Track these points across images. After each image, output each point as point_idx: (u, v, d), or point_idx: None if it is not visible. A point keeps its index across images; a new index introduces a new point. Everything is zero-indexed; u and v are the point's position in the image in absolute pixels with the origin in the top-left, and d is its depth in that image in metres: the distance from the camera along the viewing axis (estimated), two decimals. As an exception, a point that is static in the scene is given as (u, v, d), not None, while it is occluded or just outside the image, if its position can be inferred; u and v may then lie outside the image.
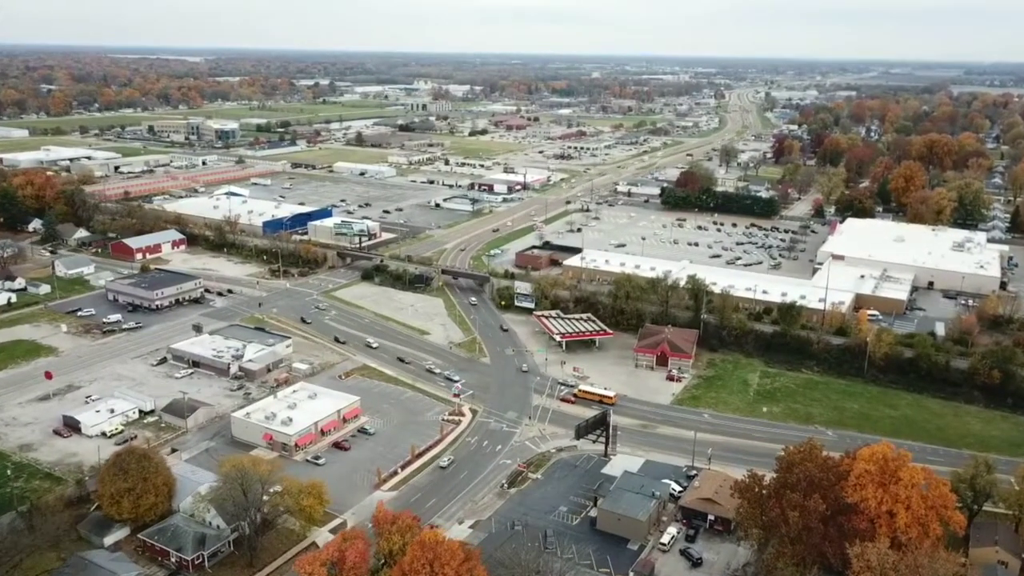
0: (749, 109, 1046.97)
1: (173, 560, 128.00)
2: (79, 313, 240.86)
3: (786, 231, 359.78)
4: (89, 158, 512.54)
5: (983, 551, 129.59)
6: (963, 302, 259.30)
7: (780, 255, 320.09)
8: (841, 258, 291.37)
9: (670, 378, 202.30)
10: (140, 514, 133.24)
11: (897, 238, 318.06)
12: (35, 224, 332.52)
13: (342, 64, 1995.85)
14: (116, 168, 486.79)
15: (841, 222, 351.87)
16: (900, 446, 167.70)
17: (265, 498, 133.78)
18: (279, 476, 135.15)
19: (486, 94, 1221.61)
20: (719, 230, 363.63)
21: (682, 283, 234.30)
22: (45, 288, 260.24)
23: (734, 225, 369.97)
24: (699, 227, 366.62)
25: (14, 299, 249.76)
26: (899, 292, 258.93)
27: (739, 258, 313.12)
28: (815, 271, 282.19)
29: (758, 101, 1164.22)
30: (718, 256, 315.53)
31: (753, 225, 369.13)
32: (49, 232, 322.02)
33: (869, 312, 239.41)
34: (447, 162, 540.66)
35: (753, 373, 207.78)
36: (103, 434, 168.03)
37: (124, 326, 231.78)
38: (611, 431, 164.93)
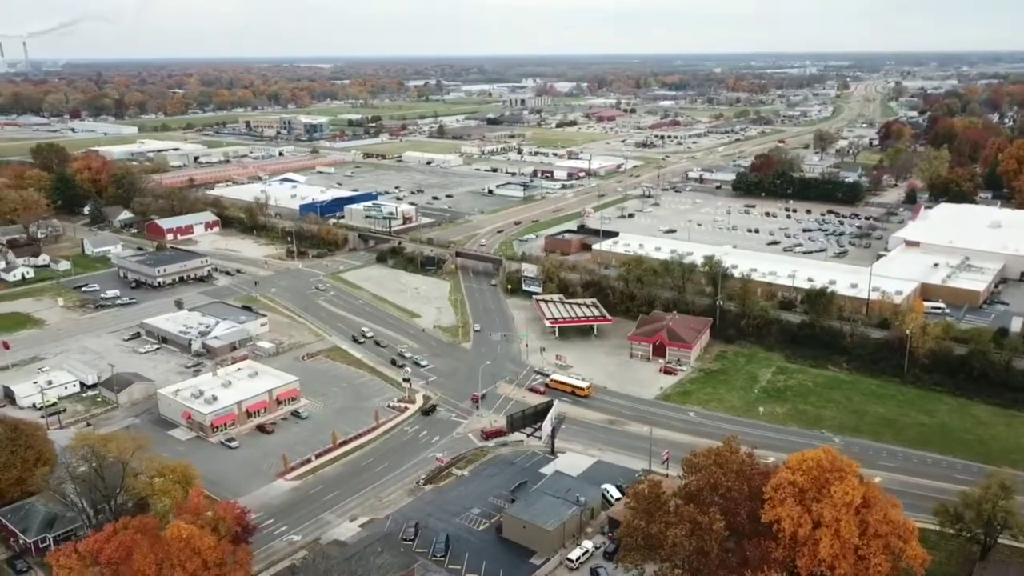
0: (873, 99, 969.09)
1: (21, 542, 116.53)
2: (83, 289, 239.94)
3: (867, 218, 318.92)
4: (176, 149, 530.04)
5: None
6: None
7: (851, 243, 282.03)
8: (916, 245, 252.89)
9: (664, 370, 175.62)
10: (1, 489, 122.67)
11: (993, 224, 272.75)
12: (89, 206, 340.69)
13: (459, 66, 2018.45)
14: (196, 159, 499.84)
15: (929, 207, 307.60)
16: (923, 459, 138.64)
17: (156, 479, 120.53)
18: (145, 455, 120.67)
19: (591, 90, 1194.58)
20: (789, 216, 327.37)
21: (699, 265, 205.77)
22: (65, 265, 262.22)
23: (808, 212, 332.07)
24: (767, 213, 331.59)
25: (30, 274, 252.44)
26: (977, 282, 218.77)
27: (799, 245, 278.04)
28: (879, 258, 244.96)
29: (886, 91, 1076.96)
30: (776, 243, 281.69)
31: (830, 212, 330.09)
32: (96, 214, 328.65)
33: (932, 304, 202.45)
34: (520, 151, 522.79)
35: (767, 368, 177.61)
36: (33, 406, 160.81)
37: (118, 302, 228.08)
38: (556, 424, 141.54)
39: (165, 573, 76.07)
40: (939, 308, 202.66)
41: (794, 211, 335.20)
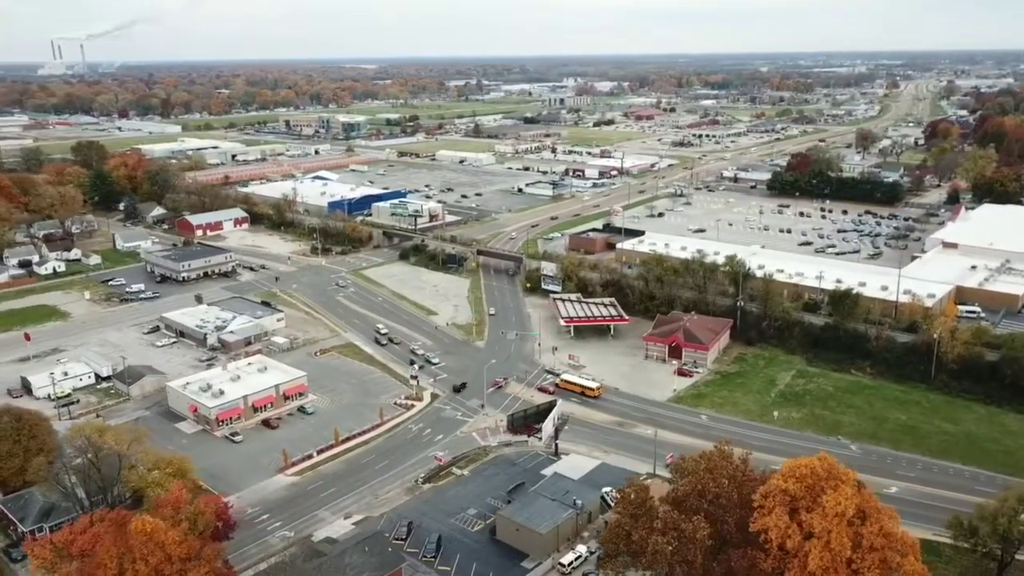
0: (923, 98, 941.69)
1: (19, 531, 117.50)
2: (110, 283, 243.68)
3: (906, 219, 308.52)
4: (215, 148, 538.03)
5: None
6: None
7: (887, 244, 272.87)
8: (954, 246, 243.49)
9: (679, 372, 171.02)
10: (4, 478, 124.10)
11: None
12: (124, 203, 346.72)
13: (501, 66, 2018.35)
14: (233, 156, 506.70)
15: (971, 208, 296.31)
16: (944, 470, 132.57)
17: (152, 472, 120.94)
18: (143, 448, 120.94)
19: (632, 89, 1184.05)
20: (824, 217, 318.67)
21: (720, 265, 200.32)
22: (96, 259, 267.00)
23: (844, 212, 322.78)
24: (801, 213, 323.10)
25: (61, 268, 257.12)
26: (1016, 286, 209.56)
27: (832, 246, 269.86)
28: (913, 259, 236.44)
29: (937, 90, 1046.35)
30: (808, 243, 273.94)
31: (867, 212, 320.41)
32: (130, 210, 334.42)
33: (967, 308, 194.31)
34: (554, 150, 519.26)
35: (787, 372, 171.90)
36: (48, 397, 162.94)
37: (141, 296, 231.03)
38: (559, 425, 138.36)
39: (127, 567, 75.23)
40: (974, 312, 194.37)
41: (830, 211, 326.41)
